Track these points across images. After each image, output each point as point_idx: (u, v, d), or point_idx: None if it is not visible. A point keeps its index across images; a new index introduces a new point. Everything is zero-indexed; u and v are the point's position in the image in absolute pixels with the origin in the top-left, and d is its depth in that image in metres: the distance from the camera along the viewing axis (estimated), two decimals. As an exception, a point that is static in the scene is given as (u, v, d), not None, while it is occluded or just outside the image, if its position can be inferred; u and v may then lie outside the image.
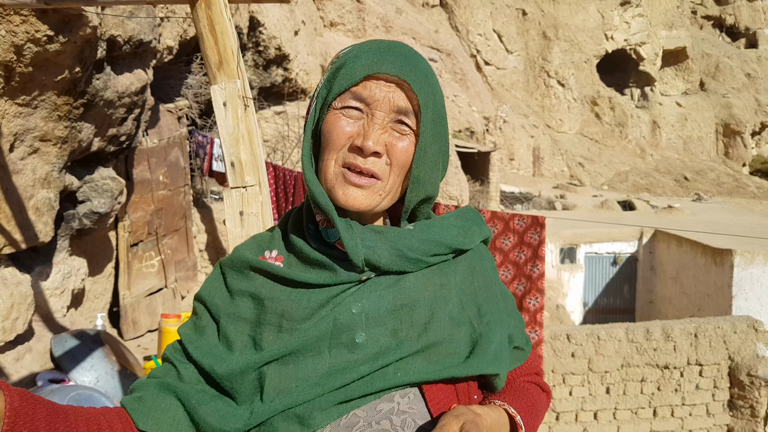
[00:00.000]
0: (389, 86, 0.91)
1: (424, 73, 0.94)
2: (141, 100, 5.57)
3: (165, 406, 0.93)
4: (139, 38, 5.03)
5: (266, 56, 11.15)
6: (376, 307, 0.93)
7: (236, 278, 1.00)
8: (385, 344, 0.91)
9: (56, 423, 0.82)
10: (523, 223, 4.69)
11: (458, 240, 1.01)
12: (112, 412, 0.93)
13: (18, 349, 4.41)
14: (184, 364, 0.97)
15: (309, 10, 15.31)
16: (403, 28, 21.13)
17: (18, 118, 4.12)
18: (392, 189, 0.94)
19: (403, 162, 0.92)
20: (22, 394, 0.80)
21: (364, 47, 0.95)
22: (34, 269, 4.90)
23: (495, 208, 17.25)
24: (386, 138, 0.91)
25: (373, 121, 0.91)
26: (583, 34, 31.82)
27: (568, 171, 27.26)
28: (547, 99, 29.87)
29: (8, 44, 3.67)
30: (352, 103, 0.92)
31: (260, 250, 1.02)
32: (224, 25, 2.01)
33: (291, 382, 0.90)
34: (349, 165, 0.91)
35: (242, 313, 0.96)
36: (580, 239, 14.37)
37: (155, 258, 7.40)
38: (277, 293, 0.95)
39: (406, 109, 0.92)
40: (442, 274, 0.99)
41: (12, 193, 4.24)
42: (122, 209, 6.56)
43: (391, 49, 0.94)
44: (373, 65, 0.91)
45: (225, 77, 2.01)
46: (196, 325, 1.00)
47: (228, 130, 2.01)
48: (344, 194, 0.91)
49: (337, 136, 0.92)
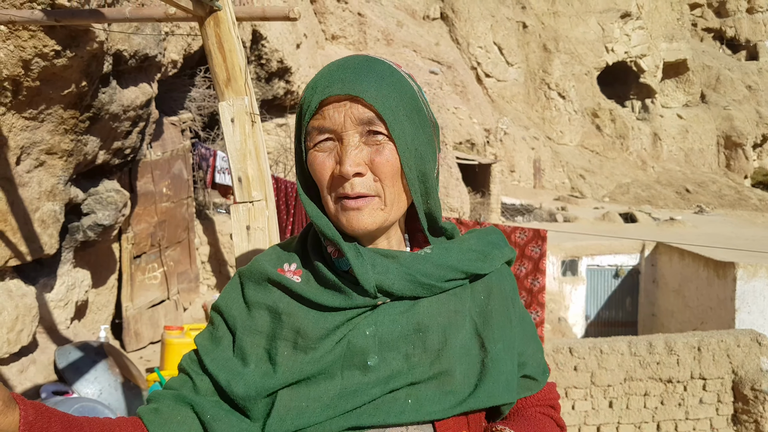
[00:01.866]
0: (344, 104, 0.90)
1: (378, 77, 0.91)
2: (146, 113, 5.61)
3: (181, 419, 0.94)
4: (144, 52, 5.08)
5: (268, 69, 11.23)
6: (389, 331, 0.94)
7: (254, 290, 1.01)
8: (397, 368, 0.92)
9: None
10: (525, 236, 4.71)
11: (475, 265, 1.00)
12: (128, 422, 0.94)
13: (22, 360, 4.42)
14: (200, 376, 0.98)
15: (311, 24, 15.43)
16: (404, 41, 21.26)
17: (25, 131, 4.16)
18: (392, 201, 0.93)
19: (390, 172, 0.91)
20: (37, 407, 0.81)
21: (317, 76, 0.95)
22: (39, 281, 4.92)
23: (496, 220, 17.25)
24: (364, 156, 0.91)
25: (345, 143, 0.90)
26: (583, 46, 31.98)
27: (569, 183, 27.29)
28: (548, 111, 29.97)
29: (16, 59, 3.71)
30: (319, 137, 0.92)
31: (279, 262, 1.02)
32: (232, 43, 2.05)
33: (302, 401, 0.91)
34: (341, 195, 0.91)
35: (258, 326, 0.97)
36: (581, 252, 14.37)
37: (158, 270, 7.41)
38: (294, 309, 0.96)
39: (370, 118, 0.90)
40: (456, 299, 0.99)
41: (18, 206, 4.27)
42: (126, 221, 6.58)
43: (341, 66, 0.93)
44: (323, 90, 0.91)
45: (233, 94, 2.04)
46: (213, 336, 1.01)
47: (236, 145, 2.04)
48: (347, 221, 0.92)
49: (321, 173, 0.93)
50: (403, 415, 0.90)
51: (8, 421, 0.75)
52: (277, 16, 2.19)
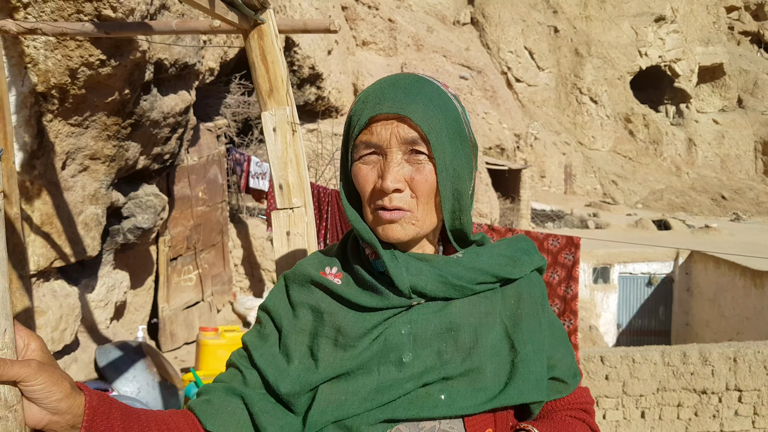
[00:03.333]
0: (391, 123, 0.95)
1: (426, 99, 0.96)
2: (184, 119, 5.76)
3: (231, 409, 1.01)
4: (184, 61, 5.22)
5: (300, 75, 11.38)
6: (423, 329, 0.99)
7: (298, 291, 1.08)
8: (430, 364, 0.97)
9: (130, 422, 0.90)
10: (558, 243, 4.69)
11: (505, 270, 1.04)
12: (179, 414, 1.01)
13: (65, 359, 4.57)
14: (249, 370, 1.04)
15: (342, 30, 15.59)
16: (434, 46, 21.28)
17: (70, 137, 4.31)
18: (424, 217, 0.98)
19: (426, 191, 0.96)
20: (100, 395, 0.87)
21: (368, 91, 1.00)
22: (81, 282, 5.08)
23: (526, 226, 17.13)
24: (405, 173, 0.96)
25: (388, 160, 0.95)
26: (616, 50, 31.58)
27: (601, 189, 26.94)
28: (580, 116, 29.65)
29: (64, 68, 3.86)
30: (365, 151, 0.98)
31: (321, 266, 1.09)
32: (275, 55, 2.12)
33: (342, 395, 0.97)
34: (380, 207, 0.97)
35: (302, 325, 1.04)
36: (613, 259, 14.18)
37: (193, 272, 7.57)
38: (335, 308, 1.03)
39: (414, 139, 0.95)
40: (487, 302, 1.03)
41: (63, 209, 4.43)
42: (163, 225, 6.74)
43: (392, 85, 0.98)
44: (373, 108, 0.96)
45: (275, 104, 2.11)
46: (260, 333, 1.08)
47: (277, 154, 2.10)
48: (383, 231, 0.98)
49: (363, 185, 0.99)
50: (436, 409, 0.95)
51: (76, 404, 0.80)
52: (318, 29, 2.25)
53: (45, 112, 4.00)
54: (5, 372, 0.72)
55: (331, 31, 2.18)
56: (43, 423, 0.78)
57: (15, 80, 3.69)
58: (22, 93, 3.76)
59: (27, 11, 3.50)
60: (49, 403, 0.77)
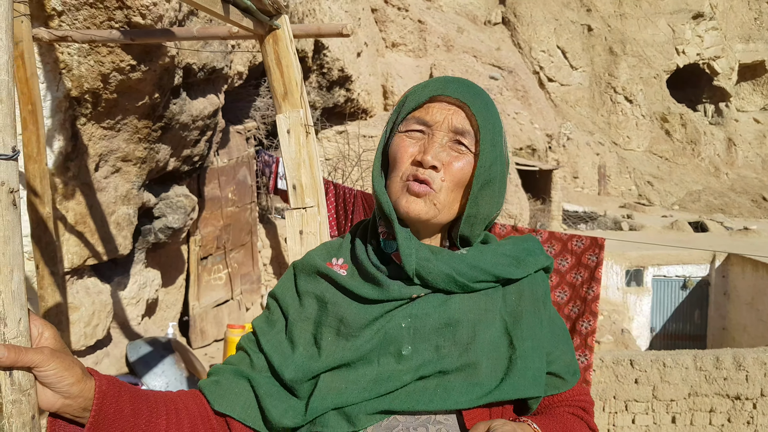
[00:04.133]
0: (449, 108, 1.01)
1: (484, 101, 1.03)
2: (213, 122, 5.89)
3: (238, 390, 1.06)
4: (212, 66, 5.35)
5: (330, 78, 11.48)
6: (422, 323, 1.03)
7: (305, 280, 1.12)
8: (429, 358, 1.01)
9: (139, 404, 0.95)
10: (582, 244, 4.66)
11: (507, 270, 1.06)
12: (188, 394, 1.07)
13: (97, 353, 4.73)
14: (257, 354, 1.09)
15: (371, 32, 15.65)
16: (464, 46, 21.22)
17: (103, 140, 4.47)
18: (447, 204, 1.02)
19: (458, 179, 1.01)
20: (110, 380, 0.93)
21: (430, 80, 1.06)
22: (114, 280, 5.24)
23: (557, 228, 16.95)
24: (444, 156, 1.00)
25: (433, 140, 1.00)
26: (652, 48, 30.98)
27: (636, 190, 26.47)
28: (614, 115, 29.17)
29: (96, 73, 4.01)
30: (414, 126, 1.02)
31: (328, 257, 1.14)
32: (289, 59, 2.18)
33: (342, 383, 1.01)
34: (411, 176, 1.01)
35: (307, 313, 1.09)
36: (647, 261, 13.93)
37: (223, 271, 7.73)
38: (339, 299, 1.07)
39: (464, 130, 1.00)
40: (488, 299, 1.06)
41: (96, 209, 4.59)
42: (194, 224, 6.91)
43: (456, 79, 1.05)
44: (437, 89, 1.02)
45: (289, 107, 2.18)
46: (269, 319, 1.13)
47: (291, 155, 2.17)
48: (406, 203, 1.00)
49: (401, 155, 1.02)
50: (432, 403, 0.99)
51: (87, 388, 0.86)
52: (331, 33, 2.31)
53: (79, 116, 4.15)
54: (20, 358, 0.77)
55: (344, 35, 2.24)
56: (56, 406, 0.84)
57: (50, 85, 3.85)
58: (57, 98, 3.92)
59: (61, 19, 3.65)
60: (62, 388, 0.83)
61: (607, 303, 13.53)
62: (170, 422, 0.99)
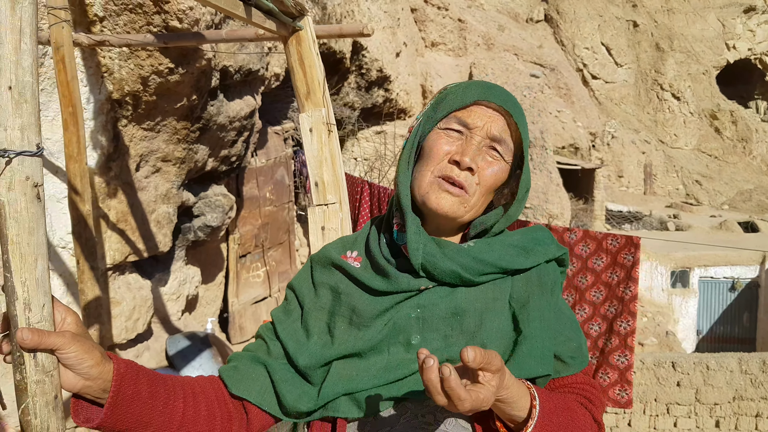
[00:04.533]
0: (491, 115, 1.05)
1: (521, 111, 1.08)
2: (250, 123, 6.02)
3: (255, 376, 1.11)
4: (248, 68, 5.47)
5: (368, 78, 11.53)
6: (430, 314, 1.06)
7: (321, 272, 1.17)
8: (437, 346, 1.04)
9: (157, 387, 1.00)
10: (617, 243, 4.59)
11: (514, 261, 1.08)
12: (206, 380, 1.12)
13: (138, 347, 4.90)
14: (274, 342, 1.15)
15: (411, 32, 15.66)
16: (505, 44, 21.03)
17: (143, 141, 4.63)
18: (476, 205, 1.06)
19: (490, 184, 1.05)
20: (128, 363, 0.98)
21: (472, 82, 1.09)
22: (154, 276, 5.42)
23: (600, 227, 16.64)
24: (479, 160, 1.04)
25: (471, 142, 1.04)
26: (701, 44, 30.06)
27: (683, 189, 25.73)
28: (661, 113, 28.42)
29: (136, 76, 4.16)
30: (455, 125, 1.05)
31: (344, 250, 1.18)
32: (312, 59, 2.24)
33: (353, 371, 1.05)
34: (446, 176, 1.04)
35: (322, 303, 1.14)
36: (693, 262, 13.55)
37: (261, 269, 7.88)
38: (352, 290, 1.11)
39: (501, 138, 1.04)
40: (495, 288, 1.08)
41: (137, 208, 4.75)
42: (233, 223, 7.07)
43: (496, 86, 1.08)
44: (482, 94, 1.05)
45: (312, 106, 2.23)
46: (286, 309, 1.19)
47: (313, 153, 2.22)
48: (437, 198, 1.03)
49: (437, 151, 1.05)
50: None
51: (106, 370, 0.91)
52: (353, 33, 2.36)
53: (120, 118, 4.31)
54: (43, 341, 0.83)
55: (365, 35, 2.28)
56: (77, 387, 0.90)
57: (93, 88, 4.01)
58: (99, 100, 4.08)
59: (103, 24, 3.80)
60: (82, 370, 0.88)
61: (651, 304, 13.22)
62: (187, 404, 1.04)
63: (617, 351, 4.54)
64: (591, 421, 1.05)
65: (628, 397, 4.45)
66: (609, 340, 4.62)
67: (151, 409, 0.99)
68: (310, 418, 1.08)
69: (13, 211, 0.83)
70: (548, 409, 0.95)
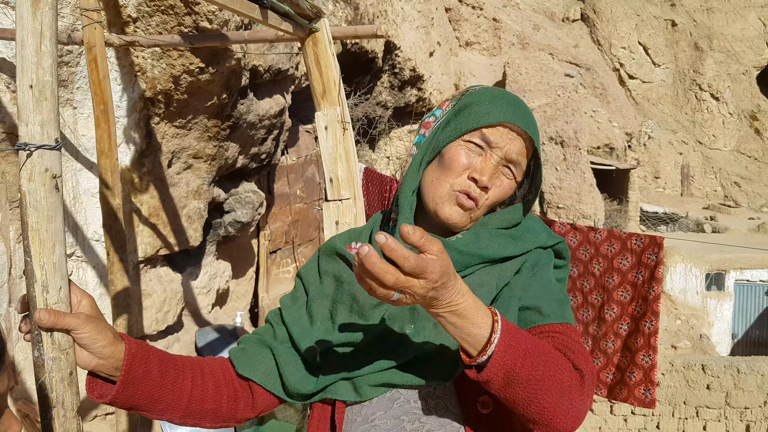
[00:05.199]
0: (513, 138, 1.09)
1: (537, 130, 1.12)
2: (279, 122, 6.14)
3: (261, 358, 1.18)
4: (278, 67, 5.59)
5: (401, 77, 11.58)
6: None
7: (326, 261, 1.24)
8: (428, 335, 1.09)
9: (166, 366, 1.07)
10: (641, 243, 4.57)
11: (501, 249, 1.11)
12: (215, 360, 1.20)
13: (168, 338, 5.06)
14: (280, 326, 1.22)
15: (445, 31, 15.66)
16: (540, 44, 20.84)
17: (175, 138, 4.78)
18: (480, 215, 1.13)
19: (497, 200, 1.12)
20: (139, 344, 1.05)
21: (497, 94, 1.12)
22: (186, 270, 5.58)
23: (634, 228, 16.38)
24: (495, 179, 1.10)
25: (490, 161, 1.09)
26: (741, 44, 29.25)
27: (722, 191, 25.10)
28: (699, 113, 27.76)
29: (168, 75, 4.30)
30: (478, 141, 1.09)
31: (349, 240, 1.25)
32: (328, 59, 2.32)
33: (352, 357, 1.12)
34: (464, 191, 1.09)
35: (326, 291, 1.20)
36: (729, 264, 13.25)
37: (291, 265, 8.03)
38: (353, 279, 1.17)
39: (517, 161, 1.10)
40: (483, 273, 1.12)
41: (169, 203, 4.91)
42: (263, 220, 7.21)
43: (521, 105, 1.12)
44: (508, 115, 1.08)
45: (327, 104, 2.31)
46: (293, 296, 1.26)
47: (328, 150, 2.30)
48: (450, 210, 1.09)
49: (458, 164, 1.09)
50: (425, 376, 1.07)
51: (118, 350, 0.99)
52: (367, 34, 2.43)
53: (152, 116, 4.47)
54: (59, 321, 0.90)
55: (378, 36, 2.35)
56: (92, 365, 0.97)
57: (126, 87, 4.18)
58: (132, 98, 4.24)
59: (136, 25, 3.95)
60: (95, 349, 0.96)
61: (685, 307, 12.98)
62: (195, 383, 1.11)
63: (642, 351, 4.54)
64: (567, 363, 0.96)
65: (651, 397, 4.44)
66: (636, 339, 4.62)
67: (160, 387, 1.05)
68: (311, 400, 1.15)
69: (33, 200, 0.91)
70: (514, 329, 0.90)
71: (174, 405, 1.08)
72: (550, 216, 14.70)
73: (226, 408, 1.16)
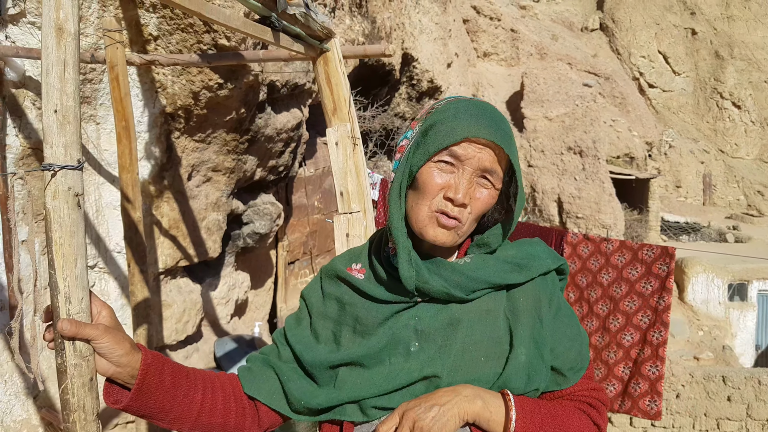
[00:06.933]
0: (481, 148, 1.07)
1: (509, 134, 1.10)
2: (297, 135, 6.26)
3: (265, 377, 1.23)
4: (294, 82, 5.71)
5: (419, 89, 11.65)
6: (428, 324, 1.14)
7: (328, 284, 1.26)
8: (431, 355, 1.12)
9: (179, 378, 1.13)
10: (652, 253, 4.58)
11: (507, 277, 1.14)
12: (226, 376, 1.25)
13: (187, 348, 5.16)
14: (284, 346, 1.25)
15: (463, 43, 15.74)
16: (558, 54, 20.82)
17: (195, 152, 4.91)
18: (468, 230, 1.12)
19: (481, 211, 1.11)
20: (155, 355, 1.11)
21: (459, 108, 1.10)
22: (205, 281, 5.68)
23: (655, 238, 16.22)
24: (471, 191, 1.09)
25: (463, 176, 1.08)
26: (762, 51, 28.89)
27: (745, 200, 24.75)
28: (721, 122, 27.46)
29: (188, 91, 4.43)
30: (447, 158, 1.08)
31: (350, 262, 1.26)
32: (338, 78, 2.40)
33: (358, 379, 1.15)
34: (441, 211, 1.08)
35: (329, 313, 1.23)
36: (752, 275, 13.06)
37: (309, 276, 8.11)
38: (355, 300, 1.19)
39: (491, 169, 1.08)
40: (490, 300, 1.14)
41: (188, 215, 5.03)
42: (282, 231, 7.32)
43: (483, 113, 1.09)
44: (472, 130, 1.06)
45: (338, 121, 2.40)
46: (297, 317, 1.29)
47: (339, 165, 2.38)
48: (434, 233, 1.09)
49: (432, 186, 1.09)
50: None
51: (134, 359, 1.05)
52: (376, 53, 2.51)
53: (173, 130, 4.60)
54: (80, 331, 0.97)
55: (386, 55, 2.43)
56: (110, 373, 1.04)
57: (147, 103, 4.31)
58: (153, 114, 4.37)
59: (157, 43, 4.09)
60: (113, 358, 1.03)
61: (707, 318, 12.81)
62: (206, 397, 1.17)
63: (649, 361, 4.52)
64: (587, 422, 1.10)
65: (657, 409, 4.42)
66: (642, 350, 4.60)
67: (172, 397, 1.11)
68: (318, 418, 1.18)
69: (57, 217, 0.98)
70: (528, 407, 1.05)
71: (184, 416, 1.14)
72: (569, 226, 14.63)
73: (234, 423, 1.20)
